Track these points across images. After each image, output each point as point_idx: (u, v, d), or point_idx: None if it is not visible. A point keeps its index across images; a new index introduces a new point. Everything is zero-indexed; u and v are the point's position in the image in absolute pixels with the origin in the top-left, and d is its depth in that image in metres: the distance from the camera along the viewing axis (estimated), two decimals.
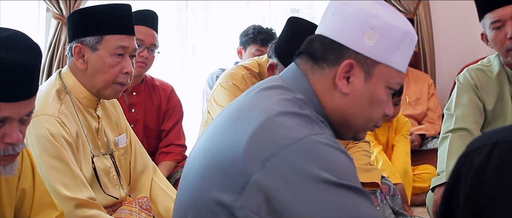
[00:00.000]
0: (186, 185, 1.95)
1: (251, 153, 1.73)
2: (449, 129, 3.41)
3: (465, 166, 1.38)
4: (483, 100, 3.46)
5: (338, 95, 1.92)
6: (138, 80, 4.33)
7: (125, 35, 2.89)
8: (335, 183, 1.69)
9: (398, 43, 1.92)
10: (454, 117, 3.42)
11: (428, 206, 3.44)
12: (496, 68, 3.47)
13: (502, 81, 3.45)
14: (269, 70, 3.32)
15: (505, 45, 3.30)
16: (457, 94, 3.50)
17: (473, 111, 3.43)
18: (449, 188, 1.43)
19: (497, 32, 3.31)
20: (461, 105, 3.45)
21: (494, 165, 1.32)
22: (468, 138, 3.33)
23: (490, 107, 3.46)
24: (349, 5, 1.94)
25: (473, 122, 3.40)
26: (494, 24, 3.31)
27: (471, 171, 1.36)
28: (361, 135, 2.04)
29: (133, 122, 4.19)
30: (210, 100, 3.69)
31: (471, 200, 1.35)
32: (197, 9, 6.09)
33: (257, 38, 5.19)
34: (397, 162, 4.73)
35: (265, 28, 5.27)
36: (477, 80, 3.47)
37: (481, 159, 1.35)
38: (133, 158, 3.16)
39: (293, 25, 3.32)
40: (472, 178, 1.35)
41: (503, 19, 3.28)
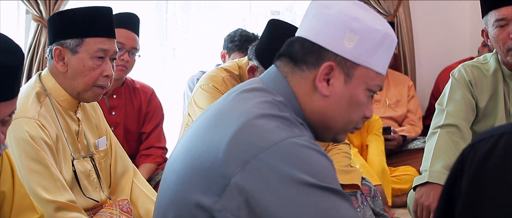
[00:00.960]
0: (166, 188, 1.95)
1: (231, 156, 1.73)
2: (439, 124, 3.40)
3: (470, 155, 1.40)
4: (476, 97, 3.46)
5: (318, 97, 1.93)
6: (118, 83, 4.32)
7: (106, 38, 2.88)
8: (315, 185, 1.69)
9: (378, 46, 1.93)
10: (445, 112, 3.41)
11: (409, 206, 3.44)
12: (492, 66, 3.47)
13: (497, 79, 3.45)
14: (250, 73, 3.32)
15: (506, 44, 3.30)
16: (450, 89, 3.49)
17: (465, 108, 3.42)
18: (452, 178, 1.45)
19: (500, 31, 3.31)
20: (454, 101, 3.44)
21: (498, 154, 1.34)
22: (457, 134, 3.32)
23: (482, 105, 3.46)
24: (329, 7, 1.94)
25: (463, 119, 3.39)
26: (499, 22, 3.30)
27: (475, 159, 1.38)
28: (341, 137, 2.05)
29: (113, 124, 4.18)
30: (191, 102, 3.69)
31: (474, 186, 1.36)
32: (177, 11, 6.08)
33: (243, 47, 5.11)
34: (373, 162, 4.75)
35: (252, 35, 5.21)
36: (472, 77, 3.47)
37: (487, 148, 1.37)
38: (113, 161, 3.15)
39: (273, 28, 3.33)
40: (476, 166, 1.37)
41: (508, 18, 3.28)
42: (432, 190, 3.17)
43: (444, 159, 3.22)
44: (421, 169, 3.35)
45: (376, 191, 3.82)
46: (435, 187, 3.16)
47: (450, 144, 3.28)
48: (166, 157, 4.41)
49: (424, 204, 3.18)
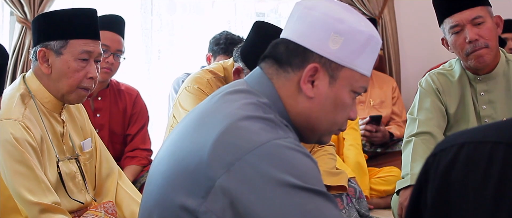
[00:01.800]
0: (151, 190, 1.94)
1: (216, 157, 1.73)
2: (412, 133, 3.44)
3: (433, 166, 1.39)
4: (445, 104, 3.49)
5: (302, 99, 1.93)
6: (103, 86, 4.31)
7: (90, 40, 2.88)
8: (300, 187, 1.69)
9: (362, 47, 1.93)
10: (417, 121, 3.45)
11: (394, 209, 3.46)
12: (457, 72, 3.51)
13: (464, 84, 3.49)
14: (235, 75, 3.33)
15: (464, 49, 3.34)
16: (419, 99, 3.54)
17: (435, 115, 3.46)
18: (417, 189, 1.44)
19: (457, 37, 3.35)
20: (424, 110, 3.49)
21: (461, 165, 1.33)
22: (431, 141, 3.36)
23: (452, 110, 3.49)
24: (314, 9, 1.94)
25: (436, 126, 3.43)
26: (453, 29, 3.34)
27: (438, 171, 1.37)
28: (325, 139, 2.05)
29: (98, 126, 4.17)
30: (176, 104, 3.68)
31: (439, 200, 1.36)
32: (162, 13, 6.08)
33: (228, 50, 5.10)
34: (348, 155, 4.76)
35: (237, 38, 5.19)
36: (439, 84, 3.51)
37: (449, 159, 1.36)
38: (98, 163, 3.15)
39: (259, 29, 3.33)
40: (440, 178, 1.36)
41: (461, 24, 3.32)
42: None
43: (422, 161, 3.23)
44: (402, 174, 3.38)
45: (361, 192, 3.83)
46: None
47: (426, 149, 3.32)
48: (151, 159, 4.40)
49: None
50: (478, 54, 3.32)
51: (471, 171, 1.31)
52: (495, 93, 3.44)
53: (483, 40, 3.30)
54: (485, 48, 3.31)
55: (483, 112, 3.45)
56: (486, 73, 3.43)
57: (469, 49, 3.32)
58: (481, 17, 3.31)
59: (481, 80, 3.45)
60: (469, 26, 3.30)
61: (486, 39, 3.30)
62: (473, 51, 3.32)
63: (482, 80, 3.44)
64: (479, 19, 3.31)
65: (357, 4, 6.20)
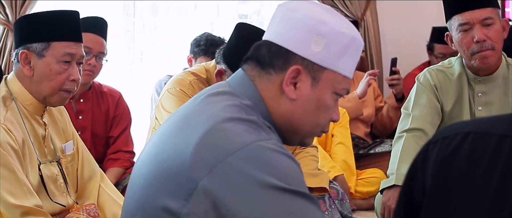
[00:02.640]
0: (133, 192, 1.94)
1: (198, 159, 1.73)
2: (405, 128, 3.43)
3: (433, 152, 1.39)
4: (442, 101, 3.49)
5: (285, 101, 1.93)
6: (85, 88, 4.30)
7: (73, 42, 2.87)
8: (282, 188, 1.70)
9: (344, 49, 1.93)
10: (411, 117, 3.45)
11: (377, 208, 3.46)
12: (457, 70, 3.50)
13: (462, 83, 3.49)
14: (217, 76, 3.32)
15: (470, 48, 3.33)
16: (416, 94, 3.52)
17: (430, 112, 3.46)
18: (412, 173, 1.44)
19: (464, 35, 3.34)
20: (419, 105, 3.48)
21: (464, 155, 1.33)
22: (423, 138, 3.36)
23: (448, 108, 3.49)
24: (296, 11, 1.95)
25: (429, 123, 3.43)
26: (462, 27, 3.34)
27: (439, 158, 1.37)
28: (308, 140, 2.05)
29: (80, 129, 4.15)
30: (158, 106, 3.68)
31: (439, 188, 1.36)
32: (144, 15, 6.07)
33: (209, 51, 5.11)
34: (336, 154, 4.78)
35: (218, 39, 5.20)
36: (437, 81, 3.50)
37: (452, 148, 1.35)
38: (80, 165, 3.13)
39: (241, 31, 3.33)
40: (440, 165, 1.36)
41: (471, 23, 3.32)
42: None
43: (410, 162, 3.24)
44: (388, 172, 3.37)
45: (344, 194, 3.84)
46: None
47: (416, 147, 3.30)
48: (134, 161, 4.39)
49: (391, 206, 3.21)
50: (484, 55, 3.32)
51: (475, 162, 1.31)
52: (492, 96, 3.45)
53: (490, 42, 3.31)
54: (491, 50, 3.32)
55: (478, 113, 3.46)
56: (487, 75, 3.44)
57: (476, 49, 3.32)
58: (491, 19, 3.31)
59: (480, 81, 3.45)
60: (479, 26, 3.31)
61: (493, 41, 3.31)
62: (479, 51, 3.32)
63: (481, 81, 3.45)
64: (489, 20, 3.31)
65: (339, 6, 6.22)
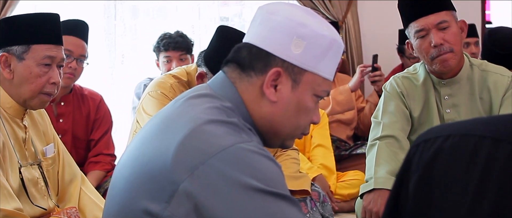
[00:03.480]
0: (114, 195, 1.94)
1: (179, 162, 1.73)
2: (377, 136, 3.45)
3: (415, 156, 1.40)
4: (410, 107, 3.52)
5: (265, 103, 1.93)
6: (66, 91, 4.29)
7: (53, 45, 2.86)
8: (263, 191, 1.70)
9: (325, 52, 1.94)
10: (381, 125, 3.47)
11: (357, 213, 3.47)
12: (421, 75, 3.53)
13: (428, 88, 3.51)
14: (198, 79, 3.32)
15: (429, 53, 3.35)
16: (384, 102, 3.55)
17: (400, 118, 3.48)
18: (399, 179, 1.45)
19: (422, 41, 3.36)
20: (388, 113, 3.50)
21: (445, 156, 1.35)
22: (396, 144, 3.38)
23: (416, 114, 3.51)
24: (276, 13, 1.95)
25: (400, 129, 3.45)
26: (419, 33, 3.36)
27: (421, 161, 1.38)
28: (288, 143, 2.06)
29: (61, 132, 4.14)
30: (139, 109, 3.67)
31: (421, 190, 1.37)
32: (125, 17, 6.06)
33: (160, 46, 5.24)
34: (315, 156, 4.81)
35: (169, 33, 5.32)
36: (403, 88, 3.53)
37: (433, 150, 1.37)
38: (61, 168, 3.12)
39: (222, 34, 3.33)
40: (423, 168, 1.37)
41: (427, 28, 3.33)
42: (379, 196, 3.21)
43: (386, 165, 3.28)
44: (366, 178, 3.39)
45: (325, 196, 3.85)
46: (382, 193, 3.20)
47: (390, 153, 3.34)
48: (115, 164, 4.39)
49: (372, 210, 3.22)
50: (443, 59, 3.34)
51: (455, 163, 1.33)
52: (459, 97, 3.46)
53: (448, 45, 3.32)
54: (450, 53, 3.33)
55: (447, 116, 3.47)
56: (450, 78, 3.45)
57: (434, 54, 3.34)
58: (446, 22, 3.33)
59: (445, 84, 3.47)
60: (434, 30, 3.32)
61: (451, 44, 3.32)
62: (438, 55, 3.34)
63: (446, 84, 3.47)
64: (444, 23, 3.32)
65: (320, 8, 6.24)
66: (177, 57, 5.16)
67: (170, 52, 5.19)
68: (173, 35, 5.27)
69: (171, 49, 5.18)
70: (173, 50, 5.19)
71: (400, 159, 3.28)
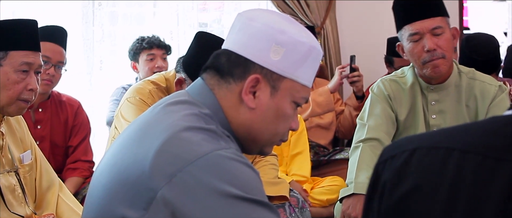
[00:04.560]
0: (92, 202, 1.93)
1: (157, 169, 1.73)
2: (361, 139, 3.46)
3: (383, 173, 1.40)
4: (396, 111, 3.52)
5: (244, 110, 1.93)
6: (44, 97, 4.27)
7: (31, 52, 2.85)
8: (242, 198, 1.70)
9: (303, 58, 1.94)
10: (366, 127, 3.47)
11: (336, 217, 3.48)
12: (409, 79, 3.54)
13: (415, 92, 3.52)
14: (177, 85, 3.32)
15: (421, 57, 3.36)
16: (370, 104, 3.56)
17: (385, 121, 3.49)
18: (369, 194, 1.44)
19: (415, 45, 3.37)
20: (374, 115, 3.51)
21: (413, 171, 1.34)
22: (379, 148, 3.38)
23: (402, 118, 3.52)
24: (255, 20, 1.95)
25: (384, 132, 3.46)
26: (412, 37, 3.37)
27: (389, 176, 1.38)
28: (267, 149, 2.06)
29: (39, 138, 4.12)
30: (117, 115, 3.66)
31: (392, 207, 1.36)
32: (104, 23, 6.03)
33: (143, 44, 5.30)
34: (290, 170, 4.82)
35: (147, 36, 5.41)
36: (391, 91, 3.54)
37: (399, 165, 1.36)
38: (39, 175, 3.11)
39: (201, 40, 3.33)
40: (391, 184, 1.37)
41: (421, 32, 3.34)
42: (358, 201, 3.21)
43: (368, 170, 3.28)
44: (346, 181, 3.40)
45: (304, 202, 3.85)
46: (361, 198, 3.20)
47: (373, 156, 3.34)
48: (93, 171, 4.36)
49: (351, 215, 3.23)
50: (435, 64, 3.35)
51: (424, 177, 1.32)
52: (445, 104, 3.48)
53: (441, 51, 3.34)
54: (442, 59, 3.35)
55: (432, 121, 3.49)
56: (439, 83, 3.47)
57: (427, 58, 3.35)
58: (441, 28, 3.34)
59: (433, 89, 3.48)
60: (429, 35, 3.33)
61: (443, 50, 3.34)
62: (430, 60, 3.35)
63: (434, 90, 3.48)
64: (439, 29, 3.34)
65: (299, 14, 6.25)
66: (160, 55, 5.23)
67: (155, 50, 5.27)
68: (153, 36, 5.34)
69: (155, 47, 5.28)
70: (157, 48, 5.28)
71: None
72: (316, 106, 5.15)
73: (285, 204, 3.68)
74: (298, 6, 6.29)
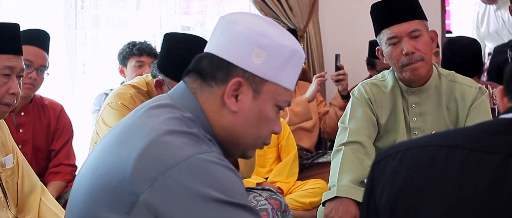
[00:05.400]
0: (74, 206, 1.92)
1: (139, 172, 1.72)
2: (343, 142, 3.46)
3: (377, 172, 1.49)
4: (377, 114, 3.53)
5: (226, 113, 1.93)
6: (26, 101, 4.25)
7: (12, 55, 2.83)
8: (224, 201, 1.70)
9: (286, 62, 1.95)
10: (348, 130, 3.48)
11: None
12: (390, 82, 3.55)
13: (396, 96, 3.53)
14: (157, 88, 3.31)
15: (400, 61, 3.37)
16: (351, 108, 3.57)
17: (366, 125, 3.49)
18: (367, 195, 1.52)
19: (393, 48, 3.38)
20: (355, 119, 3.52)
21: (405, 167, 1.43)
22: (361, 151, 3.40)
23: (383, 121, 3.53)
24: (237, 23, 1.95)
25: (366, 136, 3.46)
26: (391, 40, 3.38)
27: (384, 176, 1.46)
28: (250, 153, 2.06)
29: (21, 142, 4.11)
30: (98, 121, 3.65)
31: (388, 202, 1.45)
32: (86, 26, 6.01)
33: (133, 50, 5.27)
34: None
35: (138, 41, 5.39)
36: (371, 95, 3.55)
37: (394, 164, 1.45)
38: (20, 179, 3.10)
39: (170, 40, 3.34)
40: (386, 182, 1.45)
41: (399, 36, 3.35)
42: (341, 204, 3.21)
43: (350, 173, 3.29)
44: (329, 184, 3.40)
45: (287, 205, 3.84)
46: (344, 201, 3.21)
47: (355, 160, 3.35)
48: (76, 175, 4.35)
49: None
50: (414, 67, 3.36)
51: (415, 172, 1.41)
52: (426, 106, 3.49)
53: (419, 53, 3.34)
54: (421, 61, 3.36)
55: (413, 124, 3.50)
56: (419, 86, 3.48)
57: (405, 61, 3.36)
58: (419, 31, 3.35)
59: (413, 92, 3.49)
60: (407, 38, 3.34)
61: (422, 53, 3.35)
62: (409, 63, 3.36)
63: (414, 93, 3.49)
64: (417, 32, 3.35)
65: (282, 18, 6.26)
66: (149, 63, 5.20)
67: (144, 57, 5.25)
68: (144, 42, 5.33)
69: (145, 54, 5.26)
70: (147, 55, 5.26)
71: (366, 165, 3.30)
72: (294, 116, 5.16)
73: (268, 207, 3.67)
74: (281, 10, 6.30)
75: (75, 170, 4.45)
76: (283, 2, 6.29)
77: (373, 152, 3.42)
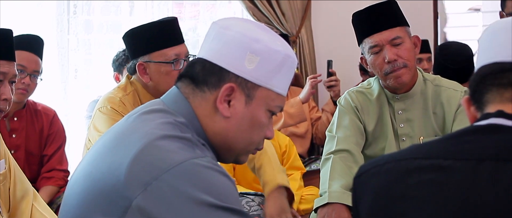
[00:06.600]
0: (66, 210, 1.92)
1: (132, 177, 1.72)
2: (331, 150, 3.46)
3: (359, 186, 1.56)
4: (364, 121, 3.54)
5: (219, 118, 1.93)
6: (19, 106, 4.25)
7: (5, 61, 2.83)
8: (217, 206, 1.70)
9: (278, 67, 1.95)
10: (336, 139, 3.48)
11: None
12: (375, 90, 3.55)
13: (382, 103, 3.53)
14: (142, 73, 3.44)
15: (383, 69, 3.38)
16: (338, 117, 3.57)
17: (354, 133, 3.50)
18: (354, 207, 1.59)
19: (376, 57, 3.39)
20: (343, 127, 3.52)
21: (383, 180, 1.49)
22: (350, 158, 3.40)
23: (370, 128, 3.53)
24: (229, 28, 1.95)
25: (354, 144, 3.47)
26: (373, 49, 3.38)
27: (365, 189, 1.53)
28: (242, 158, 2.06)
29: (14, 147, 4.10)
30: (90, 126, 3.64)
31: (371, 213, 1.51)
32: (79, 31, 6.01)
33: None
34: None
35: None
36: (358, 102, 3.55)
37: (374, 178, 1.52)
38: (12, 184, 3.09)
39: (128, 35, 3.63)
40: (367, 195, 1.51)
41: (380, 44, 3.36)
42: (334, 210, 3.21)
43: (340, 180, 3.29)
44: (320, 192, 3.39)
45: None
46: (336, 207, 3.20)
47: (344, 167, 3.35)
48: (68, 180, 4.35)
49: None
50: (397, 75, 3.36)
51: (392, 184, 1.46)
52: (412, 112, 3.49)
53: (402, 60, 3.34)
54: (404, 68, 3.36)
55: (400, 130, 3.50)
56: (404, 92, 3.48)
57: (388, 69, 3.36)
58: (400, 38, 3.35)
59: (399, 99, 3.49)
60: (388, 46, 3.34)
61: (404, 59, 3.35)
62: (392, 71, 3.36)
63: (400, 99, 3.49)
64: (398, 39, 3.35)
65: (274, 23, 6.27)
66: None
67: None
68: None
69: None
70: None
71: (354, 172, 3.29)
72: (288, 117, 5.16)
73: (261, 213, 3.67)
74: (274, 15, 6.31)
75: (67, 175, 4.44)
76: (276, 8, 6.30)
77: (361, 160, 3.43)
